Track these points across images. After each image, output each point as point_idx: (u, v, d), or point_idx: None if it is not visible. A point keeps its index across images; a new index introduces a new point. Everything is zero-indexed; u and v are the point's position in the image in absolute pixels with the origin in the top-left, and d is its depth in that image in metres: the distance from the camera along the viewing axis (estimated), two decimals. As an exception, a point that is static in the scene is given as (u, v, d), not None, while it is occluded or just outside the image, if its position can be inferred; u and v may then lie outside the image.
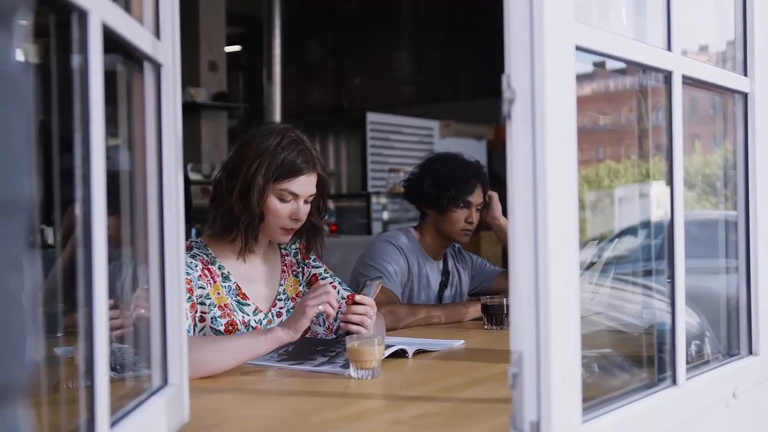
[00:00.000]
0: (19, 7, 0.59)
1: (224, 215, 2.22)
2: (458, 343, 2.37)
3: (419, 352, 2.20)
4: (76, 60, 1.03)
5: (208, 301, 2.16)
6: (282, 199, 2.21)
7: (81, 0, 0.99)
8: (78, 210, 1.03)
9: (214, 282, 2.20)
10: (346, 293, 2.41)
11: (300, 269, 2.44)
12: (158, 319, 1.38)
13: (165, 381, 1.38)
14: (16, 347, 0.57)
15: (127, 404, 1.24)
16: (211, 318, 2.17)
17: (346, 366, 1.92)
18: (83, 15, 1.01)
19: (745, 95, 1.83)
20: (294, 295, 2.38)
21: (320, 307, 1.99)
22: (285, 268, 2.40)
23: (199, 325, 2.14)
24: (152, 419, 1.27)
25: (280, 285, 2.36)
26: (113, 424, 1.10)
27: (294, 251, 2.45)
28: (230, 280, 2.24)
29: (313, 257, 2.47)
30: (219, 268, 2.23)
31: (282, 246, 2.42)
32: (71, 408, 1.23)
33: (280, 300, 2.35)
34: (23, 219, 0.59)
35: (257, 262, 2.32)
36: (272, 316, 2.30)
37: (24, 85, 0.59)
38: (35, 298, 0.60)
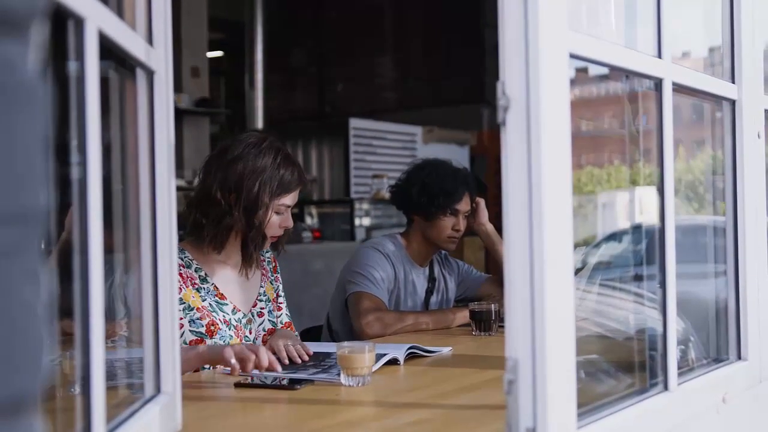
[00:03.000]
0: (35, 17, 0.59)
1: (226, 231, 2.27)
2: (446, 350, 2.37)
3: (411, 357, 2.20)
4: (71, 66, 1.03)
5: (182, 305, 2.20)
6: (277, 213, 2.31)
7: (78, 7, 0.99)
8: (73, 217, 1.02)
9: (188, 287, 2.25)
10: (286, 319, 2.47)
11: (274, 277, 2.53)
12: (151, 328, 1.37)
13: (158, 389, 1.38)
14: (33, 358, 0.57)
15: (120, 413, 1.23)
16: (190, 321, 2.21)
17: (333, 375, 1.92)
18: (80, 22, 1.01)
19: (732, 102, 1.84)
20: (272, 299, 2.47)
21: (233, 361, 1.92)
22: (264, 271, 2.48)
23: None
24: (146, 428, 1.26)
25: (261, 286, 2.44)
26: (108, 433, 1.10)
27: (268, 260, 2.52)
28: (208, 282, 2.29)
29: (275, 274, 2.54)
30: (196, 271, 2.29)
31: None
32: (63, 416, 1.22)
33: (261, 300, 2.42)
34: (38, 229, 0.58)
35: (236, 265, 2.37)
36: (253, 316, 2.38)
37: (40, 93, 0.59)
38: (50, 308, 0.59)
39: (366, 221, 7.43)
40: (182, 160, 7.44)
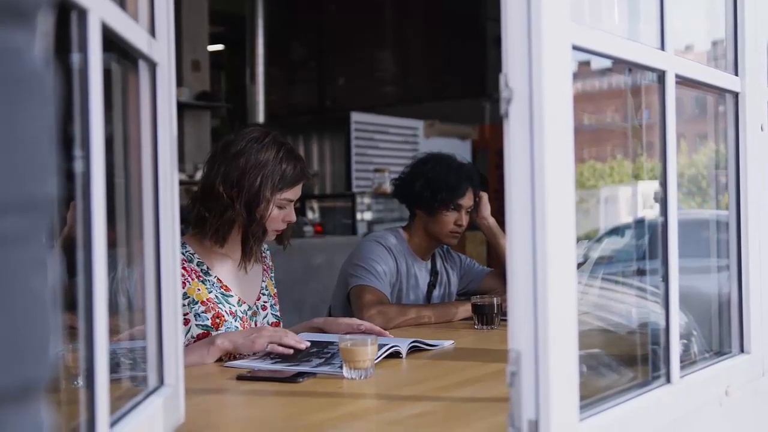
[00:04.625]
0: (41, 6, 0.59)
1: (228, 225, 2.29)
2: (449, 343, 2.37)
3: (413, 351, 2.20)
4: (74, 58, 1.03)
5: (186, 300, 2.22)
6: (280, 207, 2.32)
7: (81, -2, 0.98)
8: (77, 210, 1.02)
9: (193, 279, 2.27)
10: (273, 319, 2.47)
11: (273, 274, 2.55)
12: (154, 320, 1.37)
13: (161, 381, 1.38)
14: (40, 346, 0.57)
15: (123, 404, 1.23)
16: (195, 315, 2.23)
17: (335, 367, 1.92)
18: (83, 13, 1.00)
19: (736, 94, 1.84)
20: (272, 294, 2.50)
21: (268, 347, 2.10)
22: (265, 266, 2.50)
23: (183, 329, 2.17)
24: (150, 420, 1.26)
25: (263, 281, 2.46)
26: (112, 424, 1.10)
27: (267, 256, 2.55)
28: (211, 275, 2.31)
29: (272, 273, 2.56)
30: (198, 265, 2.30)
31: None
32: (66, 409, 1.22)
33: (263, 294, 2.45)
34: (46, 217, 0.59)
35: (239, 258, 2.38)
36: (257, 308, 2.41)
37: (47, 82, 0.59)
38: (57, 296, 0.60)
39: (367, 215, 7.43)
40: (183, 154, 7.45)
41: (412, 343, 2.22)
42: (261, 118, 8.83)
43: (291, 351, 2.11)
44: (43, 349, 0.58)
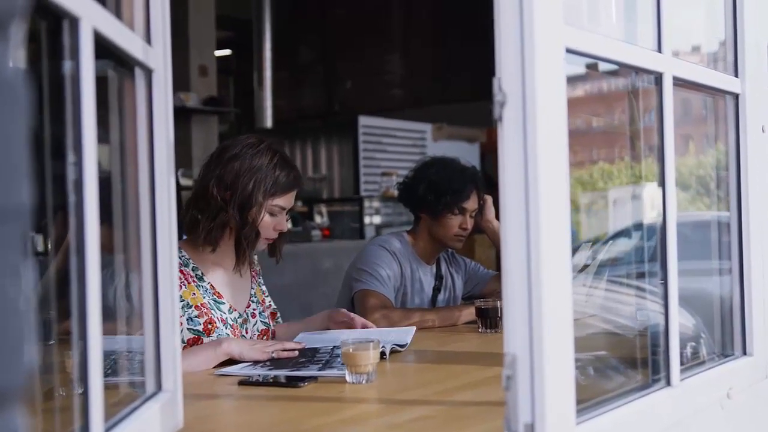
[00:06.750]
0: (16, 14, 0.60)
1: (220, 228, 2.30)
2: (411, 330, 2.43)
3: (393, 352, 2.24)
4: (67, 66, 1.03)
5: (180, 303, 2.23)
6: (271, 214, 2.34)
7: (72, 6, 0.99)
8: (71, 217, 1.03)
9: (189, 283, 2.29)
10: (262, 326, 2.49)
11: (260, 279, 2.58)
12: (152, 326, 1.38)
13: (159, 387, 1.38)
14: (14, 353, 0.58)
15: (121, 410, 1.24)
16: (188, 319, 2.25)
17: (342, 368, 1.92)
18: (74, 21, 1.01)
19: (736, 96, 1.83)
20: (260, 300, 2.52)
21: (274, 354, 2.15)
22: (254, 274, 2.53)
23: None
24: (146, 425, 1.27)
25: (252, 288, 2.49)
26: (107, 430, 1.10)
27: (255, 263, 2.58)
28: (205, 281, 2.33)
29: (260, 278, 2.59)
30: (193, 270, 2.33)
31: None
32: (63, 415, 1.23)
33: (253, 302, 2.47)
34: (21, 225, 0.59)
35: (230, 266, 2.40)
36: (247, 316, 2.43)
37: (21, 91, 0.59)
38: (32, 303, 0.60)
39: (376, 219, 7.43)
40: (191, 159, 7.44)
41: (392, 345, 2.26)
42: (269, 122, 8.83)
43: (296, 353, 2.16)
44: (17, 356, 0.58)
